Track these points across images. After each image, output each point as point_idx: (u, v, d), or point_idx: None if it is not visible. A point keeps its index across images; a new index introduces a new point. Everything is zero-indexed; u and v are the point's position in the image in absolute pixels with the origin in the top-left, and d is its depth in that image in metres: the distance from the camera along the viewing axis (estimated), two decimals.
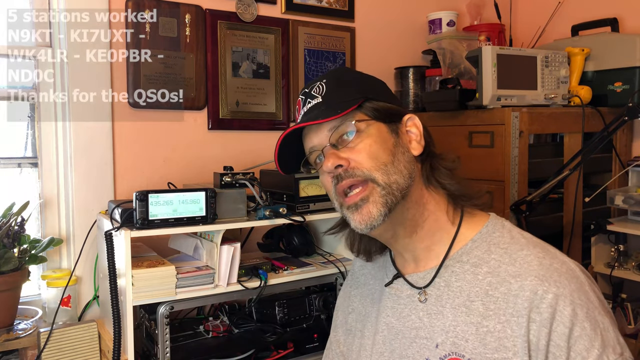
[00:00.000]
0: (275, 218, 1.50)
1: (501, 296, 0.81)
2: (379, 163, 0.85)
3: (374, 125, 0.88)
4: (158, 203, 1.36)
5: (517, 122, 1.81)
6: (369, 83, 0.94)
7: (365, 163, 0.85)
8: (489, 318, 0.81)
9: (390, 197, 0.84)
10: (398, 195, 0.85)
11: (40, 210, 1.70)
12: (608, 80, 2.05)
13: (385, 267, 1.00)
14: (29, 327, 1.50)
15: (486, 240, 0.88)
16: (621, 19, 2.19)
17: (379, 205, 0.84)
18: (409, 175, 0.87)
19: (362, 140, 0.86)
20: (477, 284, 0.84)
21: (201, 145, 1.86)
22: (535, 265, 0.81)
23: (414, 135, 0.91)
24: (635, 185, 2.12)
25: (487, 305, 0.82)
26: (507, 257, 0.84)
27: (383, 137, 0.87)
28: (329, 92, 0.90)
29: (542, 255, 0.82)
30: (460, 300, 0.85)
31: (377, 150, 0.85)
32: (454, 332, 0.83)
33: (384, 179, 0.84)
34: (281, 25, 1.99)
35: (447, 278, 0.87)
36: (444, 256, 0.89)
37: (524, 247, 0.84)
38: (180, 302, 1.40)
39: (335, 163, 0.85)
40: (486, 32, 2.26)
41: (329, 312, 1.66)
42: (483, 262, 0.85)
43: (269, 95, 1.98)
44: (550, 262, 0.81)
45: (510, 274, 0.81)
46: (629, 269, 1.99)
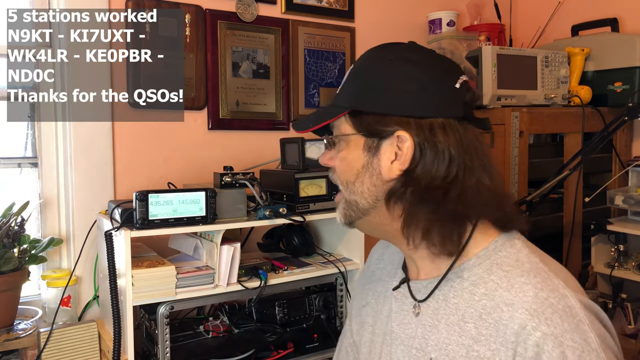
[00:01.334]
0: (275, 218, 1.50)
1: (493, 322, 0.77)
2: (343, 180, 0.87)
3: (352, 140, 0.85)
4: (158, 203, 1.36)
5: (517, 122, 1.81)
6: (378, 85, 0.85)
7: (338, 174, 0.89)
8: (480, 343, 0.77)
9: (350, 211, 0.87)
10: (358, 212, 0.86)
11: (40, 210, 1.70)
12: (608, 80, 2.05)
13: (398, 267, 0.98)
14: (29, 327, 1.50)
15: (490, 258, 0.83)
16: (621, 19, 2.19)
17: (340, 215, 0.89)
18: (373, 199, 0.84)
19: (338, 152, 0.88)
20: (472, 304, 0.81)
21: (201, 145, 1.86)
22: (530, 296, 0.75)
23: (399, 154, 0.82)
24: (635, 185, 2.12)
25: (479, 329, 0.78)
26: (505, 282, 0.79)
27: (354, 156, 0.85)
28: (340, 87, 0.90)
29: (541, 286, 0.76)
30: (454, 319, 0.82)
31: (344, 168, 0.87)
32: (446, 351, 0.81)
33: (345, 195, 0.87)
34: (281, 25, 1.99)
35: (445, 292, 0.85)
36: (447, 270, 0.85)
37: (524, 274, 0.79)
38: (180, 302, 1.40)
39: (324, 164, 0.91)
40: (486, 32, 2.26)
41: (329, 312, 1.66)
42: (482, 282, 0.81)
43: (269, 95, 1.98)
44: (547, 296, 0.75)
45: (504, 300, 0.77)
46: (629, 269, 1.99)
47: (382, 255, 1.06)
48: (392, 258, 1.02)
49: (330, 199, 1.61)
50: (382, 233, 0.90)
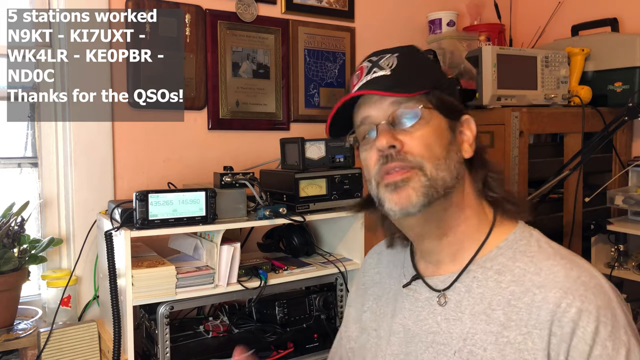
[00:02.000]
0: (275, 218, 1.50)
1: (524, 307, 0.78)
2: (432, 155, 0.82)
3: (436, 117, 0.85)
4: (158, 203, 1.36)
5: (517, 122, 1.81)
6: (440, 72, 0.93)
7: (418, 150, 0.82)
8: (509, 328, 0.78)
9: (433, 190, 0.81)
10: (441, 191, 0.82)
11: (40, 210, 1.70)
12: (608, 80, 2.05)
13: (403, 267, 0.97)
14: (29, 327, 1.50)
15: (512, 247, 0.85)
16: (621, 19, 2.19)
17: (419, 193, 0.81)
18: (456, 176, 0.85)
19: (421, 127, 0.83)
20: (499, 292, 0.81)
21: (201, 145, 1.86)
22: (562, 276, 0.77)
23: (466, 137, 0.88)
24: (635, 185, 2.12)
25: (508, 315, 0.79)
26: (532, 266, 0.81)
27: (441, 131, 0.85)
28: (399, 68, 0.85)
29: (570, 266, 0.79)
30: (480, 308, 0.82)
31: (433, 142, 0.83)
32: (472, 340, 0.81)
33: (432, 172, 0.81)
34: (281, 25, 1.99)
35: (468, 283, 0.85)
36: (469, 261, 0.86)
37: (551, 257, 0.81)
38: (180, 302, 1.40)
39: (390, 142, 0.81)
40: (486, 32, 2.26)
41: (329, 312, 1.66)
42: (507, 270, 0.82)
43: (269, 95, 1.98)
44: (578, 275, 0.77)
45: (535, 284, 0.79)
46: (629, 269, 1.99)
47: (379, 259, 1.05)
48: (393, 259, 1.01)
49: (330, 198, 1.61)
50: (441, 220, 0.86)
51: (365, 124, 0.86)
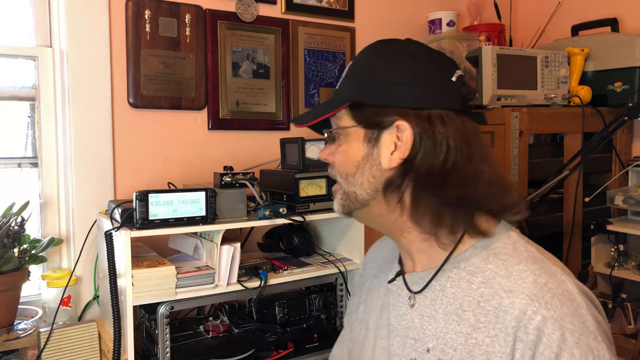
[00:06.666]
0: (275, 218, 1.50)
1: (492, 309, 0.78)
2: (342, 172, 0.90)
3: (352, 133, 0.87)
4: (158, 203, 1.36)
5: (517, 122, 1.81)
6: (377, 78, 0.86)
7: (337, 168, 0.91)
8: (478, 330, 0.79)
9: (347, 202, 0.90)
10: (356, 204, 0.89)
11: (40, 210, 1.71)
12: (608, 80, 2.05)
13: (394, 261, 0.99)
14: (29, 327, 1.50)
15: (487, 247, 0.85)
16: (621, 19, 2.19)
17: (338, 205, 0.92)
18: (372, 189, 0.86)
19: (338, 146, 0.90)
20: (470, 292, 0.82)
21: (201, 145, 1.86)
22: (530, 282, 0.77)
23: (399, 144, 0.83)
24: (635, 185, 2.12)
25: (477, 317, 0.79)
26: (503, 270, 0.81)
27: (354, 148, 0.87)
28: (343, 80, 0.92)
29: (539, 272, 0.78)
30: (452, 308, 0.83)
31: (344, 161, 0.89)
32: (444, 340, 0.82)
33: (344, 187, 0.90)
34: (281, 25, 1.99)
35: (442, 282, 0.86)
36: (445, 260, 0.86)
37: (522, 262, 0.80)
38: (180, 302, 1.40)
39: (325, 158, 0.94)
40: (486, 32, 2.26)
41: (329, 312, 1.67)
42: (479, 271, 0.83)
43: (269, 95, 1.98)
44: (546, 281, 0.77)
45: (503, 287, 0.78)
46: (629, 269, 1.99)
47: (378, 254, 1.08)
48: (387, 255, 1.04)
49: (331, 199, 1.61)
50: (380, 224, 0.92)
51: None
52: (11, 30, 1.68)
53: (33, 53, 1.68)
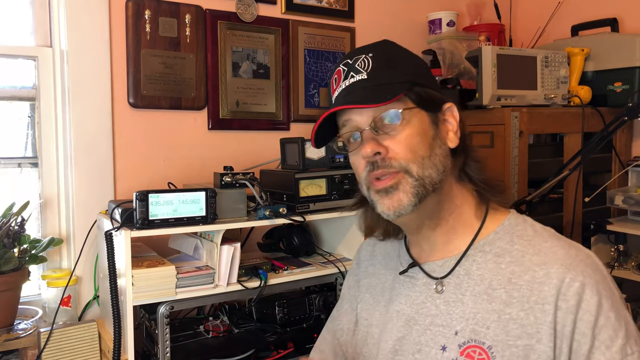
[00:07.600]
0: (275, 218, 1.50)
1: (525, 284, 0.81)
2: (417, 156, 0.84)
3: (417, 115, 0.86)
4: (158, 203, 1.36)
5: (517, 122, 1.81)
6: (416, 64, 0.90)
7: (403, 154, 0.84)
8: (511, 305, 0.81)
9: (422, 189, 0.84)
10: (429, 188, 0.85)
11: (40, 210, 1.71)
12: (608, 80, 2.05)
13: (399, 256, 1.00)
14: (29, 327, 1.50)
15: (509, 232, 0.89)
16: (621, 19, 2.19)
17: (409, 195, 0.84)
18: (443, 170, 0.87)
19: (403, 130, 0.84)
20: (499, 272, 0.84)
21: (201, 145, 1.86)
22: (562, 254, 0.82)
23: (451, 126, 0.89)
24: (635, 185, 2.12)
25: (510, 292, 0.82)
26: (530, 248, 0.85)
27: (424, 129, 0.86)
28: (375, 70, 0.86)
29: (567, 246, 0.84)
30: (481, 288, 0.85)
31: (417, 143, 0.84)
32: (474, 320, 0.83)
33: (419, 172, 0.84)
34: (281, 25, 1.99)
35: (467, 267, 0.88)
36: (468, 246, 0.89)
37: (548, 240, 0.86)
38: (180, 302, 1.41)
39: (374, 150, 0.84)
40: (486, 32, 2.26)
41: (328, 312, 1.66)
42: (506, 253, 0.86)
43: (269, 95, 1.98)
44: (576, 253, 0.82)
45: (535, 262, 0.82)
46: (629, 269, 1.99)
47: (373, 252, 1.08)
48: (386, 251, 1.04)
49: (330, 198, 1.61)
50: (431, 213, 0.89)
51: (348, 127, 0.88)
52: (11, 31, 1.68)
53: (33, 53, 1.68)
